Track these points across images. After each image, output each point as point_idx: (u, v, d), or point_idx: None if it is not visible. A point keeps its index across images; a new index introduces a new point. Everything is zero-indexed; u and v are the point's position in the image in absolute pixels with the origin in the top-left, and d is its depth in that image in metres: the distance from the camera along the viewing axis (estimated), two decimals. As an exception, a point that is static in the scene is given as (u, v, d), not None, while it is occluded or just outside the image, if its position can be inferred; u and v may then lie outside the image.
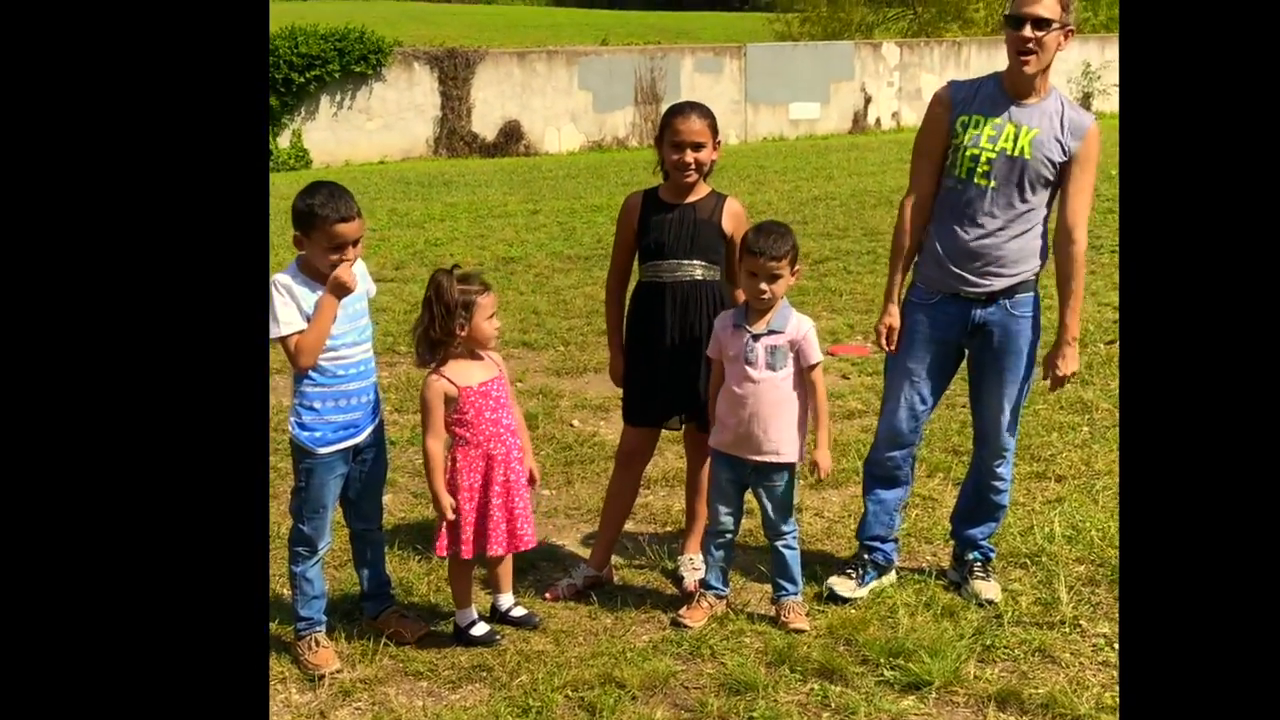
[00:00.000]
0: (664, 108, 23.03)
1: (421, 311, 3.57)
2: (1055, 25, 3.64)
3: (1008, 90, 3.79)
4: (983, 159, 3.75)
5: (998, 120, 3.75)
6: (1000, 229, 3.79)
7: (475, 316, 3.53)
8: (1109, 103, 28.60)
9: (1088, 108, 27.87)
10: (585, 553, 4.31)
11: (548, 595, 4.01)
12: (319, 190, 3.38)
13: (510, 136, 21.08)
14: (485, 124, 20.89)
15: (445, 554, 3.63)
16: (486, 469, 3.60)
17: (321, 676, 3.50)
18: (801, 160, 18.24)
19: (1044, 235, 3.91)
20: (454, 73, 20.40)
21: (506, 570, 3.83)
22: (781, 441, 3.73)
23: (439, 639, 3.73)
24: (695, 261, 3.92)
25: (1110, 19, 36.27)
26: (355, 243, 3.42)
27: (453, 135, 20.45)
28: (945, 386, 4.07)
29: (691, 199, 3.96)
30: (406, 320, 8.06)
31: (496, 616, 3.80)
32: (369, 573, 3.78)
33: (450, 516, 3.56)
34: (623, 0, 66.07)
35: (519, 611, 3.82)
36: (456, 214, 12.97)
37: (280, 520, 4.11)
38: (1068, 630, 3.72)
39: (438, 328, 3.50)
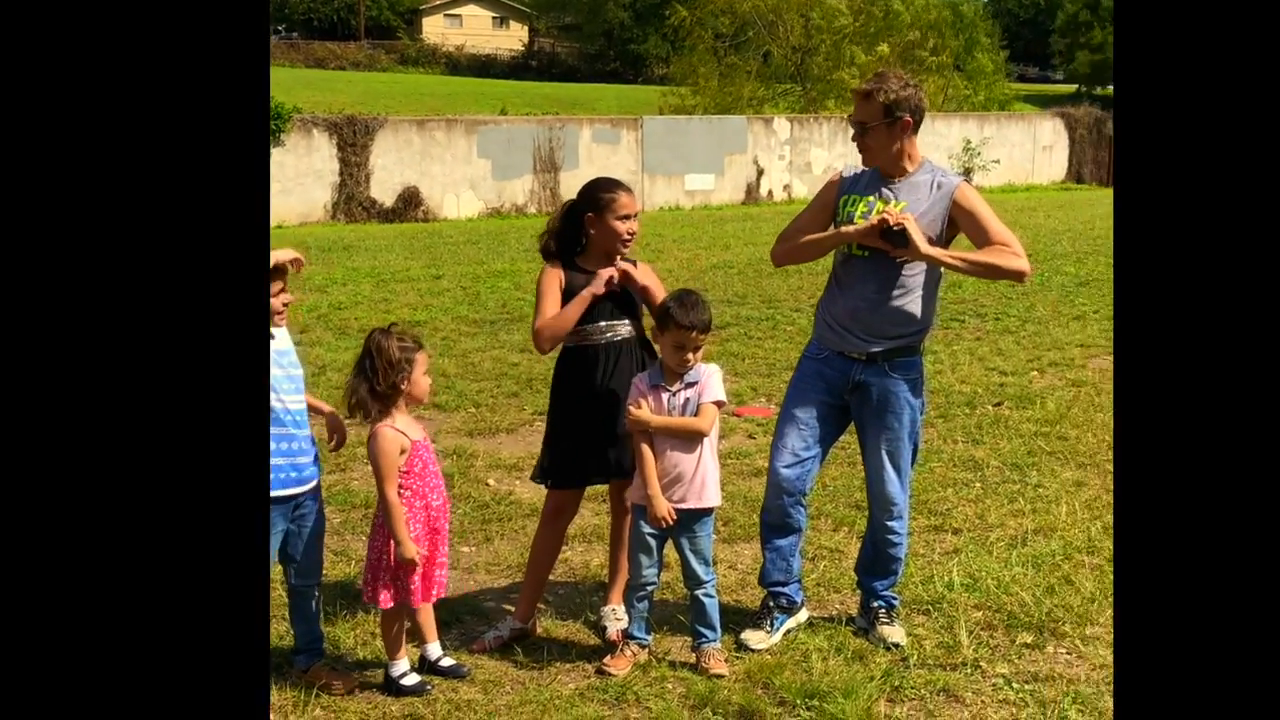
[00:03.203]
0: (563, 177, 23.20)
1: (360, 370, 3.69)
2: (869, 125, 4.03)
3: (883, 173, 4.15)
4: None
5: (870, 198, 4.11)
6: (876, 295, 4.08)
7: (414, 371, 3.69)
8: (988, 178, 29.79)
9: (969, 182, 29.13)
10: (508, 607, 4.43)
11: (475, 647, 4.11)
12: None
13: (409, 203, 21.19)
14: (384, 190, 20.97)
15: (392, 604, 3.72)
16: (428, 519, 3.73)
17: (253, 729, 3.54)
18: (698, 230, 18.70)
19: (925, 301, 4.18)
20: (353, 139, 20.48)
21: (432, 621, 3.94)
22: (703, 489, 3.94)
23: (370, 690, 3.80)
24: (624, 321, 4.14)
25: (989, 99, 37.93)
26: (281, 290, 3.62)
27: (351, 201, 20.47)
28: (832, 439, 4.33)
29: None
30: (314, 383, 8.09)
31: (426, 667, 3.90)
32: (304, 627, 3.84)
33: (419, 563, 3.66)
34: (517, 71, 66.91)
35: (447, 661, 3.92)
36: (359, 278, 13.02)
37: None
38: (969, 671, 3.95)
39: (381, 381, 3.64)
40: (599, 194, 4.13)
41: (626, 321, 4.15)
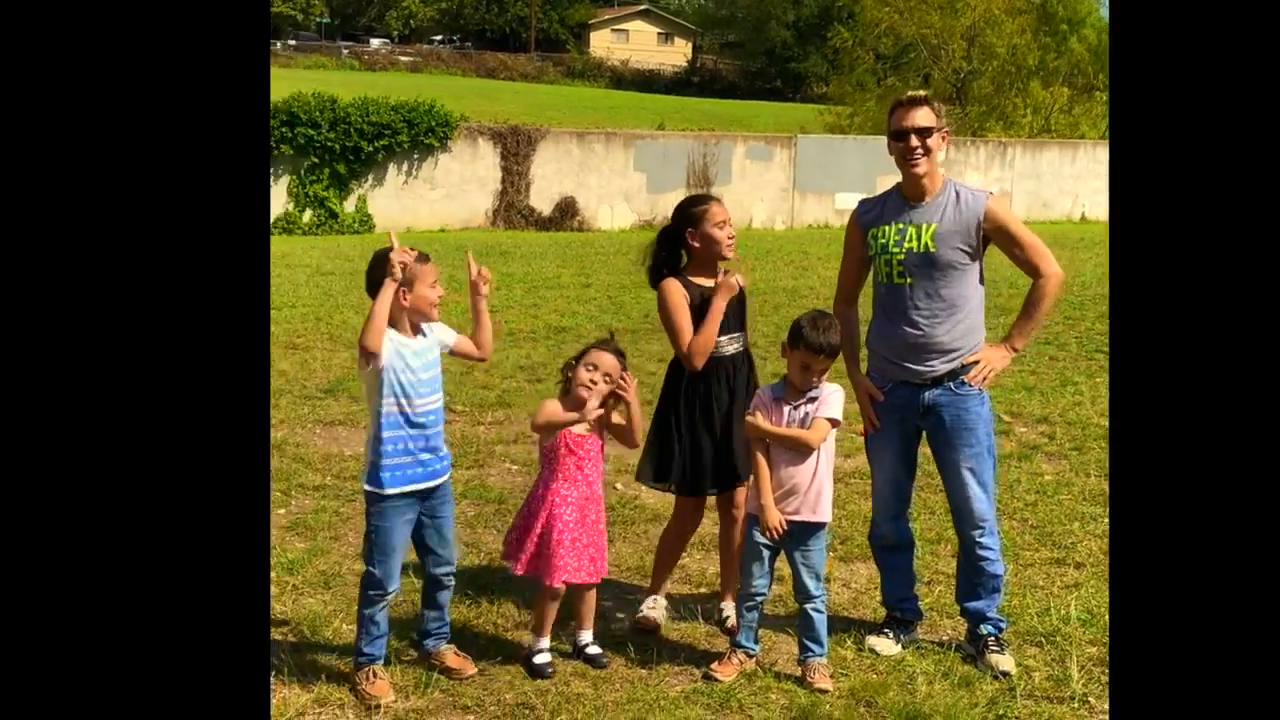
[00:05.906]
0: (715, 192, 23.30)
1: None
2: (935, 130, 4.09)
3: (907, 197, 4.20)
4: (895, 261, 4.14)
5: (900, 225, 4.16)
6: (929, 319, 4.13)
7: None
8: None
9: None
10: (628, 608, 4.61)
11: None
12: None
13: (565, 212, 21.63)
14: (542, 199, 21.47)
15: (522, 573, 4.05)
16: (580, 503, 4.04)
17: (378, 706, 3.78)
18: (847, 250, 18.58)
19: (975, 313, 4.21)
20: (515, 149, 21.04)
21: (591, 609, 4.19)
22: (818, 502, 4.03)
23: (488, 676, 4.01)
24: (734, 335, 4.30)
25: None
26: (434, 283, 3.87)
27: (510, 208, 21.03)
28: (916, 455, 4.41)
29: (716, 279, 4.32)
30: (463, 380, 8.43)
31: (577, 652, 4.15)
32: (435, 613, 4.05)
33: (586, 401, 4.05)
34: (679, 87, 67.47)
35: (595, 650, 4.16)
36: (512, 283, 13.42)
37: (344, 562, 4.35)
38: (1076, 705, 3.93)
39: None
40: (692, 209, 4.37)
41: (740, 334, 4.30)
